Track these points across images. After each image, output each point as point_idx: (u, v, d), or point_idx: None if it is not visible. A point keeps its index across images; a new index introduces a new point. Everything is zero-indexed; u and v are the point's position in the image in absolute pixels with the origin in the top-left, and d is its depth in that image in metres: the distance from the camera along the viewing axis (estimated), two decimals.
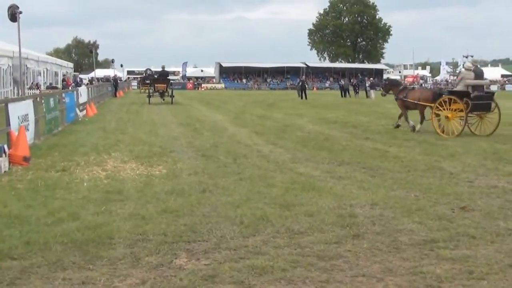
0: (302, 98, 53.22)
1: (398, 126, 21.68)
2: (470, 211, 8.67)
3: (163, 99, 42.69)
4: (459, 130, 19.17)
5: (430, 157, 14.21)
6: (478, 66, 22.15)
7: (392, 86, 23.81)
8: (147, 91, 50.57)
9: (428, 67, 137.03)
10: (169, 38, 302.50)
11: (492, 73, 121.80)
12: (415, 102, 21.10)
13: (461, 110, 19.25)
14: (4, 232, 7.37)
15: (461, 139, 18.09)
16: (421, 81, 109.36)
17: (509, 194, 9.93)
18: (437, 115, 20.11)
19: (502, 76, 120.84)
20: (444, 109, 19.62)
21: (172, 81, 51.48)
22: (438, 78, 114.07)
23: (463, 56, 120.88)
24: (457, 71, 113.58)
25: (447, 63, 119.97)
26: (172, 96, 42.32)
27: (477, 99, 19.53)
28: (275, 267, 6.22)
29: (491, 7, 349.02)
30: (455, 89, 20.73)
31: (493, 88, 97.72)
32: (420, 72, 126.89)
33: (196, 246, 7.01)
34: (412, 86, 23.26)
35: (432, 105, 20.11)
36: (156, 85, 43.89)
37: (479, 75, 20.47)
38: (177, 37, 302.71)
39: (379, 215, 8.41)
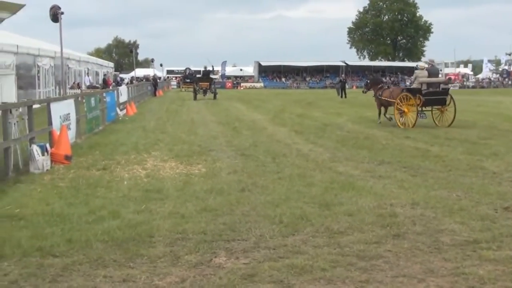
0: (341, 97, 53.05)
1: (390, 119, 23.29)
2: None
3: (206, 95, 46.82)
4: (413, 122, 21.51)
5: (472, 156, 14.01)
6: (434, 65, 25.10)
7: (372, 85, 26.11)
8: (187, 89, 57.24)
9: (470, 65, 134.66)
10: (209, 37, 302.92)
11: None
12: (387, 99, 23.35)
13: (412, 104, 21.74)
14: (46, 230, 7.50)
15: (504, 138, 17.82)
16: (463, 79, 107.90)
17: None
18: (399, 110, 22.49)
19: None
20: (403, 105, 22.02)
21: (215, 80, 54.93)
22: (480, 76, 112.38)
23: (506, 54, 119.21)
24: (500, 69, 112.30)
25: (489, 61, 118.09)
26: (215, 93, 48.06)
27: (430, 95, 22.07)
28: (315, 266, 6.21)
29: None
30: (411, 87, 23.59)
31: None
32: (462, 70, 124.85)
33: (235, 245, 7.03)
34: (387, 85, 26.81)
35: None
36: (200, 83, 49.07)
37: (433, 73, 23.17)
38: (217, 36, 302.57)
39: (420, 215, 8.33)
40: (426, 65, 23.86)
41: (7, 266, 6.30)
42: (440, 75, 25.11)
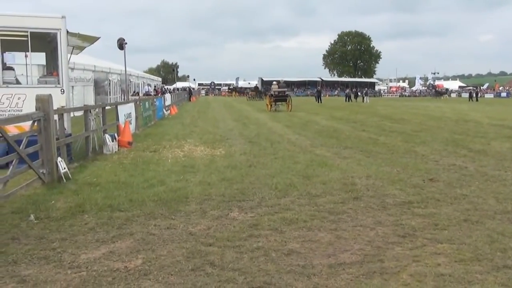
0: (318, 102, 52.66)
1: (275, 109, 32.43)
2: (436, 182, 8.51)
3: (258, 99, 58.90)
4: (269, 110, 31.89)
5: (407, 143, 13.97)
6: (281, 82, 35.31)
7: (263, 93, 42.19)
8: (231, 95, 72.20)
9: (407, 81, 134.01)
10: (227, 60, 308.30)
11: (451, 85, 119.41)
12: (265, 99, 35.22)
13: (270, 101, 32.55)
14: (114, 193, 7.52)
15: (430, 132, 17.74)
16: (402, 90, 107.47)
17: (464, 170, 9.71)
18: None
19: (459, 87, 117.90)
20: (268, 101, 33.26)
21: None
22: (413, 88, 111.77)
23: (431, 73, 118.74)
24: (427, 84, 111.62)
25: (420, 78, 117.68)
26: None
27: (278, 97, 32.72)
28: (299, 219, 6.20)
29: (455, 37, 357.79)
30: (270, 93, 33.70)
31: (453, 95, 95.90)
32: (401, 84, 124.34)
33: (245, 204, 7.02)
34: (270, 93, 34.52)
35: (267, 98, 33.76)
36: (250, 92, 64.72)
37: (281, 87, 33.99)
38: (233, 59, 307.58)
39: (372, 184, 8.31)
40: (277, 83, 34.13)
41: (87, 218, 6.31)
42: (285, 88, 34.87)
